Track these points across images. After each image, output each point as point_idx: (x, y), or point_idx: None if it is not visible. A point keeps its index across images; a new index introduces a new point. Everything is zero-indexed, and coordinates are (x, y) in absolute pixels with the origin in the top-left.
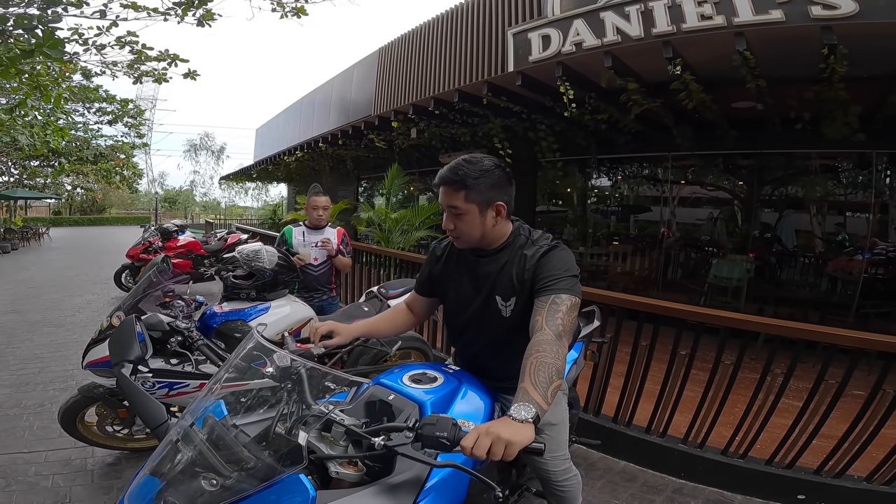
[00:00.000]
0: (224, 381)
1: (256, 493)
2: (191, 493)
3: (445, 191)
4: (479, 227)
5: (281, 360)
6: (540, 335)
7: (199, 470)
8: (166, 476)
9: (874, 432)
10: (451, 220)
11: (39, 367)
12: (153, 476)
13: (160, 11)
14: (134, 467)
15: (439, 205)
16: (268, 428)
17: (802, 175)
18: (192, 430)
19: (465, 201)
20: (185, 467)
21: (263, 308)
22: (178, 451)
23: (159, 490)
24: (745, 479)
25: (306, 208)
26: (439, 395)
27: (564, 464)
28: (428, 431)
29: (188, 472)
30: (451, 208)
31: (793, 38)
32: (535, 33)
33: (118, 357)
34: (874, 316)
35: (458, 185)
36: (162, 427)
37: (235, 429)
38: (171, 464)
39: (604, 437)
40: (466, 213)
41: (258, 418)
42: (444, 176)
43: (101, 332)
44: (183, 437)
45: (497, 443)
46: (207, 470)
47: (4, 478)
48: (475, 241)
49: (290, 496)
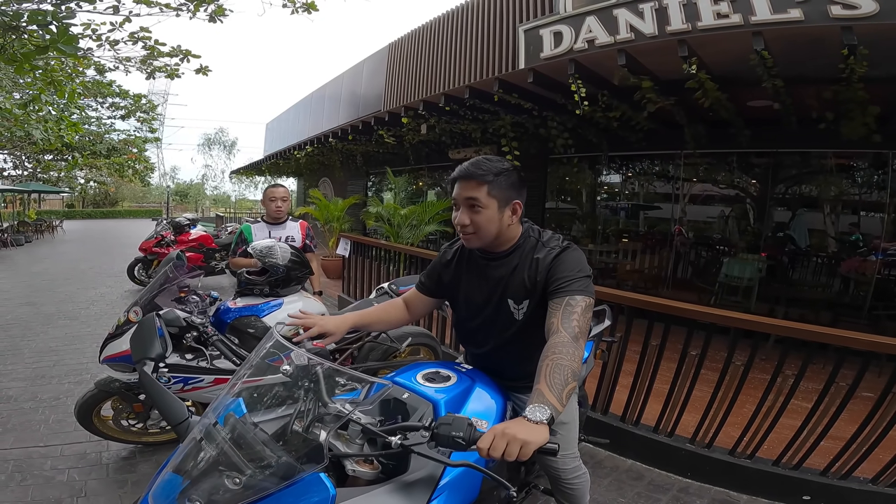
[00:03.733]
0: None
1: (278, 491)
2: (214, 490)
3: (466, 184)
4: (497, 224)
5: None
6: (556, 337)
7: (222, 468)
8: (189, 474)
9: (882, 434)
10: (468, 214)
11: (54, 360)
12: (176, 474)
13: (172, 7)
14: (148, 461)
15: (452, 200)
16: (286, 426)
17: (817, 174)
18: (215, 429)
19: (487, 195)
20: (209, 466)
21: (276, 304)
22: (200, 449)
23: (183, 488)
24: (751, 480)
25: (263, 201)
26: (453, 394)
27: (574, 462)
28: (444, 431)
29: (211, 470)
30: (469, 201)
31: (812, 38)
32: (546, 30)
33: (140, 355)
34: (886, 318)
35: (480, 178)
36: (183, 424)
37: (255, 427)
38: (193, 462)
39: (611, 435)
40: (486, 207)
41: (276, 416)
42: (467, 170)
43: (119, 327)
44: (206, 436)
45: (513, 443)
46: (230, 468)
47: (21, 471)
48: (489, 238)
49: (310, 494)
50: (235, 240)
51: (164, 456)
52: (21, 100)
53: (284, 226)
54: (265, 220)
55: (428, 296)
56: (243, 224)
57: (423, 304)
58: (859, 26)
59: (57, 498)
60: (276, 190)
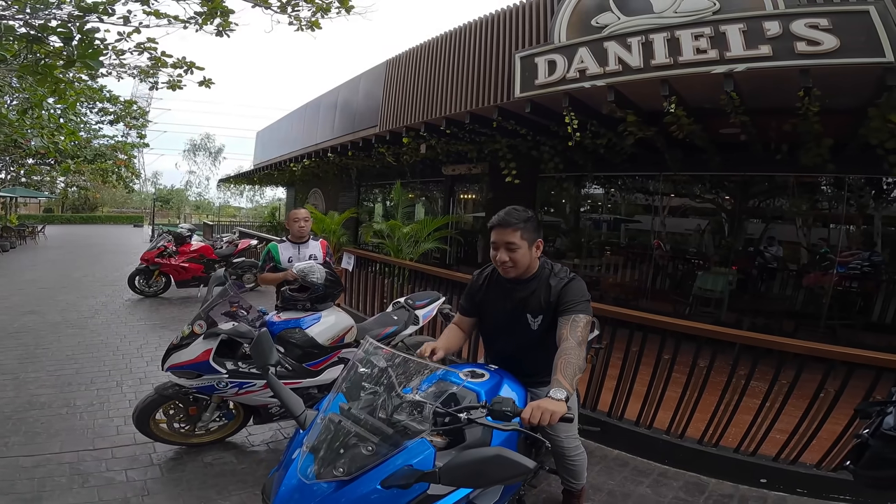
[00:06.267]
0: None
1: (399, 451)
2: (353, 459)
3: (504, 231)
4: (528, 259)
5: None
6: (566, 343)
7: (353, 441)
8: (324, 451)
9: (818, 426)
10: (507, 254)
11: (76, 368)
12: (311, 453)
13: (181, 20)
14: (194, 461)
15: (492, 243)
16: (373, 412)
17: (782, 195)
18: (334, 416)
19: (520, 238)
20: (342, 441)
21: (315, 318)
22: (329, 430)
23: (321, 460)
24: (717, 465)
25: (287, 222)
26: (488, 386)
27: (575, 441)
28: (497, 408)
29: (345, 443)
30: (508, 244)
31: (775, 77)
32: (541, 58)
33: (262, 361)
34: (840, 327)
35: (515, 226)
36: (301, 415)
37: (364, 412)
38: (326, 441)
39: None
40: (521, 247)
41: (369, 405)
42: (504, 219)
43: (183, 339)
44: (331, 421)
45: (545, 413)
46: (360, 440)
47: (80, 474)
48: (523, 269)
49: (418, 453)
50: (263, 257)
51: (208, 455)
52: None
53: (308, 244)
54: (289, 240)
55: (468, 316)
56: (270, 244)
57: (468, 324)
58: (816, 68)
59: (124, 498)
60: (299, 212)
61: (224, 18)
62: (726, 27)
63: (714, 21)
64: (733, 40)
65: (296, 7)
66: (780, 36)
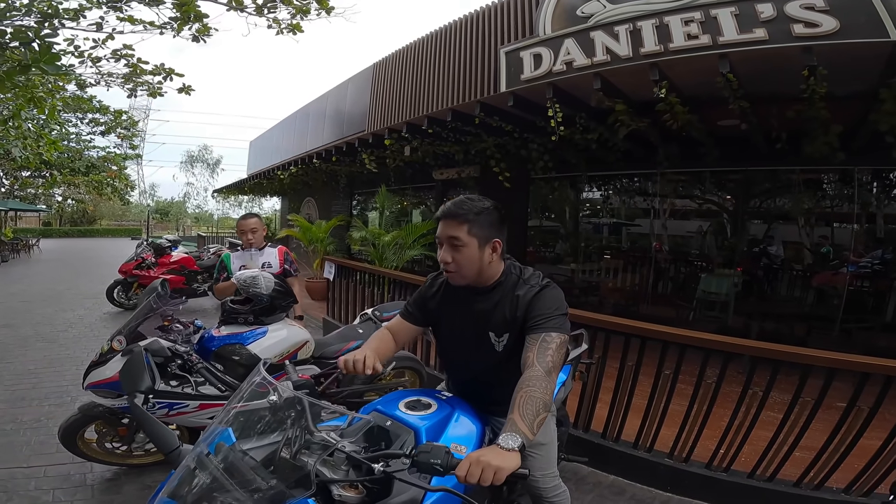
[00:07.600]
0: (231, 409)
1: None
2: None
3: (448, 223)
4: (478, 262)
5: (285, 393)
6: (531, 371)
7: (216, 495)
8: (185, 500)
9: (851, 445)
10: (450, 252)
11: (34, 383)
12: (171, 499)
13: (156, 25)
14: (133, 482)
15: (436, 238)
16: (274, 453)
17: (787, 190)
18: (207, 458)
19: (467, 234)
20: (203, 493)
21: (261, 332)
22: (194, 476)
23: None
24: (728, 492)
25: (237, 232)
26: (433, 420)
27: (554, 480)
28: (423, 458)
29: (206, 496)
30: (451, 239)
31: (775, 58)
32: (526, 52)
33: (130, 387)
34: (857, 330)
35: (461, 218)
36: (174, 452)
37: (245, 455)
38: (188, 488)
39: (593, 452)
40: (467, 245)
41: (264, 444)
42: (449, 209)
43: (102, 355)
44: (199, 464)
45: (487, 469)
46: (223, 494)
47: (6, 492)
48: (472, 276)
49: None
50: (217, 268)
51: (149, 477)
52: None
53: (263, 252)
54: (243, 248)
55: (413, 324)
56: (224, 253)
57: (407, 332)
58: (819, 47)
59: None
60: (247, 222)
61: (201, 23)
62: (717, 11)
63: (704, 5)
64: (726, 25)
65: (272, 9)
66: (774, 18)
